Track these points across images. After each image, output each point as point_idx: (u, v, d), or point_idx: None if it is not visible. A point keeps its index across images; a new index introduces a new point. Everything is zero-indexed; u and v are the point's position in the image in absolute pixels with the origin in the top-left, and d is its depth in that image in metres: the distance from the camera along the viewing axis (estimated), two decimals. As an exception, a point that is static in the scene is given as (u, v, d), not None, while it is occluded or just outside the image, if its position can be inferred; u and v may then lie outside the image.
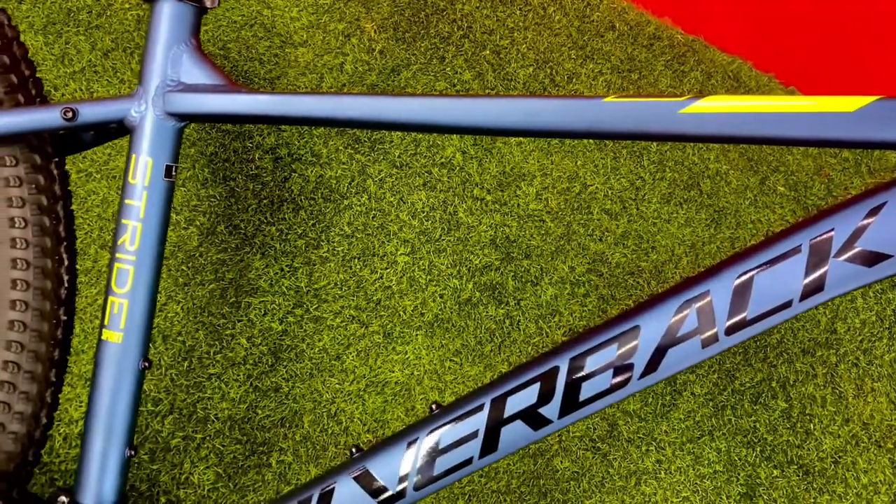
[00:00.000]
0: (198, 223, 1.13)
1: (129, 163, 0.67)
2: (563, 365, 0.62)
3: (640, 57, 1.41)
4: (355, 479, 0.65)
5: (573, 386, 0.61)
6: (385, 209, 1.19)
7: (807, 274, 0.58)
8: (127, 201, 0.67)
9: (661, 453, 1.08)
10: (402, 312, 1.13)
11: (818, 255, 0.58)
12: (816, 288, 0.58)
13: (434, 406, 0.66)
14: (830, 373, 1.18)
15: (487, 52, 1.36)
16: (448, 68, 1.33)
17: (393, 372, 1.09)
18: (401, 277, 1.15)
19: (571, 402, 0.61)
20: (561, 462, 1.06)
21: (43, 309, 0.69)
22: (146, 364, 0.70)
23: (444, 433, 0.63)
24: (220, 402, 1.03)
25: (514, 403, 0.62)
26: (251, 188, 1.18)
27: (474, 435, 0.63)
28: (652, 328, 0.60)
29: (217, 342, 1.07)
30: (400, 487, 0.64)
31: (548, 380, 0.62)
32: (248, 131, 1.21)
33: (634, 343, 0.60)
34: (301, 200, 1.18)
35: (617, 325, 0.61)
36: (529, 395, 0.62)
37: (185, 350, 1.05)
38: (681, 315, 0.60)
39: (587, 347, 0.61)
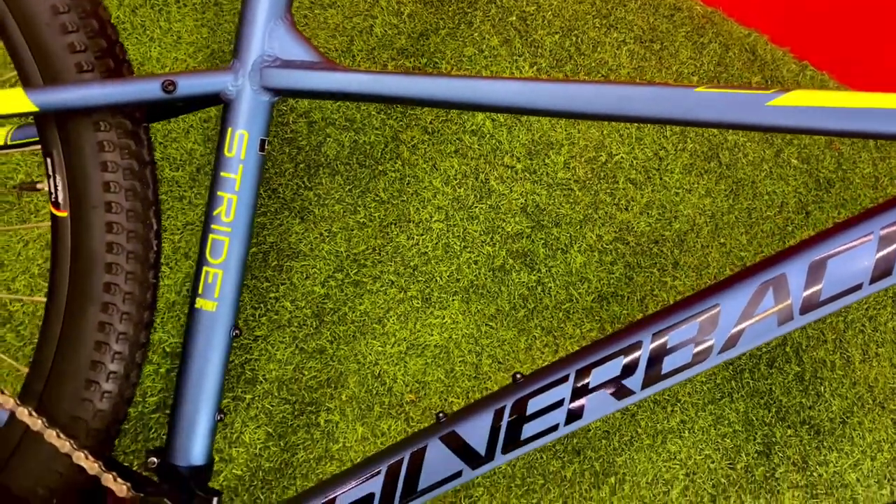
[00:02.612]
0: (237, 186, 1.14)
1: (224, 136, 0.68)
2: (647, 340, 0.66)
3: (662, 27, 1.43)
4: (444, 441, 0.68)
5: (656, 360, 0.65)
6: (419, 175, 1.21)
7: (877, 259, 0.62)
8: (223, 174, 0.68)
9: (685, 414, 1.15)
10: (438, 278, 1.16)
11: (888, 242, 0.62)
12: (885, 272, 0.62)
13: (518, 376, 0.70)
14: (839, 339, 1.25)
15: (514, 18, 1.37)
16: (476, 33, 1.34)
17: (432, 335, 1.12)
18: (436, 244, 1.18)
19: (654, 375, 0.65)
20: (598, 428, 1.11)
21: (135, 272, 0.70)
22: (237, 332, 0.72)
23: (531, 401, 0.67)
24: (267, 364, 1.06)
25: (599, 375, 0.66)
26: (287, 152, 1.19)
27: (560, 403, 0.67)
28: (731, 307, 0.64)
29: (262, 305, 1.09)
30: (488, 450, 0.68)
31: (632, 353, 0.66)
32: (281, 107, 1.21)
33: (715, 321, 0.64)
34: (337, 165, 1.19)
35: (698, 303, 0.65)
36: (614, 368, 0.66)
37: (229, 312, 1.07)
38: (759, 295, 0.64)
39: (670, 324, 0.65)
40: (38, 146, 0.84)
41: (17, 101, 0.64)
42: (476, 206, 1.21)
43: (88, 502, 0.75)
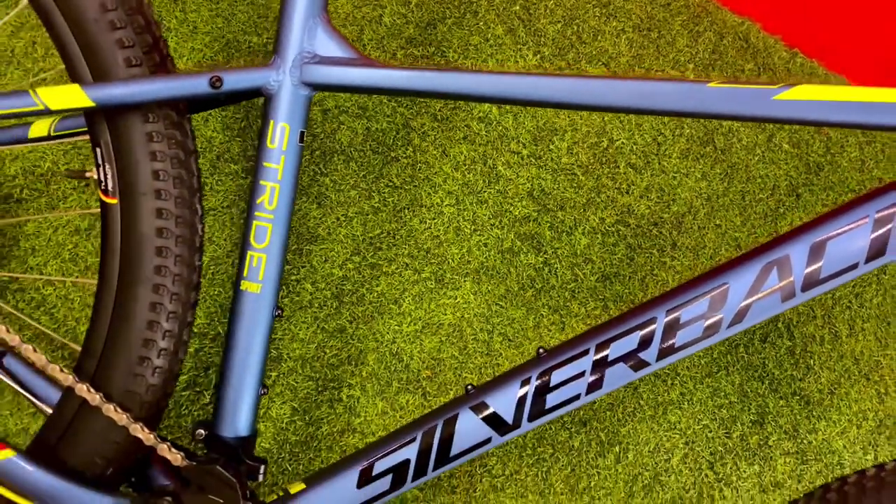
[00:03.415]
0: (255, 173, 1.18)
1: (266, 128, 0.73)
2: (661, 316, 0.71)
3: (659, 16, 1.48)
4: (474, 410, 0.74)
5: (669, 334, 0.71)
6: (429, 161, 1.26)
7: (872, 240, 0.67)
8: (265, 164, 0.73)
9: (684, 386, 1.21)
10: (450, 260, 1.21)
11: (882, 224, 0.67)
12: (879, 252, 0.68)
13: (541, 350, 0.75)
14: (827, 315, 1.32)
15: (517, 7, 1.41)
16: (481, 23, 1.39)
17: (445, 315, 1.18)
18: (447, 227, 1.23)
19: (668, 348, 0.71)
20: (603, 401, 1.18)
21: (183, 255, 0.75)
22: (279, 312, 0.77)
23: (554, 373, 0.73)
24: (290, 343, 1.11)
25: (618, 348, 0.72)
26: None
27: (581, 375, 0.72)
28: (739, 285, 0.70)
29: (284, 287, 1.13)
30: (515, 418, 0.73)
31: (647, 328, 0.71)
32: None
33: (724, 298, 0.70)
34: (351, 152, 1.24)
35: (708, 281, 0.71)
36: (631, 342, 0.72)
37: (252, 294, 1.11)
38: (764, 274, 0.69)
39: (682, 301, 0.71)
40: (76, 137, 0.88)
41: (74, 96, 0.68)
42: (485, 191, 1.26)
43: (136, 472, 0.80)
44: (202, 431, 0.77)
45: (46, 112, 0.69)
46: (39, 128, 0.84)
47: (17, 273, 1.06)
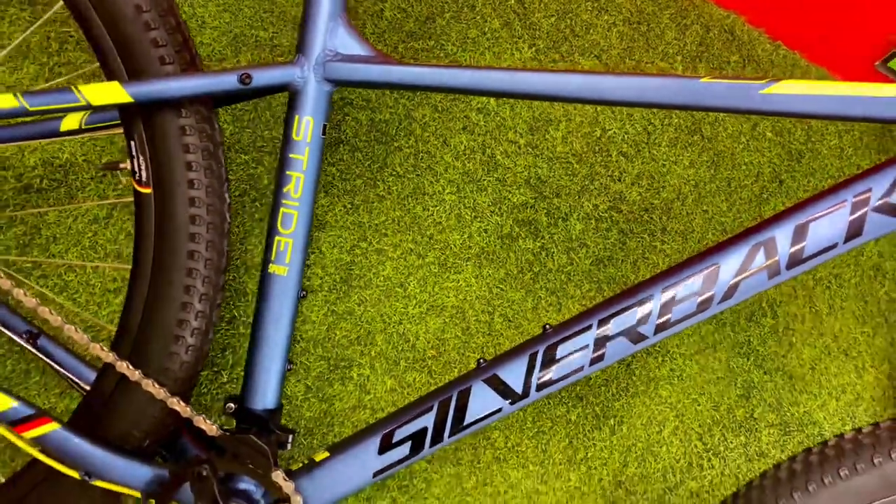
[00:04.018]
0: (265, 163, 1.23)
1: (291, 121, 0.78)
2: (658, 293, 0.77)
3: (648, 10, 1.54)
4: (486, 382, 0.80)
5: (666, 310, 0.77)
6: (431, 151, 1.32)
7: (850, 222, 0.74)
8: (291, 155, 0.78)
9: (674, 363, 1.28)
10: (452, 245, 1.27)
11: (859, 208, 0.74)
12: (856, 233, 0.74)
13: (547, 326, 0.81)
14: (809, 295, 1.39)
15: (513, 1, 1.47)
16: (478, 16, 1.44)
17: (448, 297, 1.24)
18: (449, 214, 1.29)
19: (664, 323, 0.77)
20: (598, 377, 1.24)
21: (213, 240, 0.80)
22: (303, 293, 0.82)
23: (560, 347, 0.79)
24: (303, 325, 1.16)
25: (618, 323, 0.78)
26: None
27: (585, 348, 0.79)
28: (729, 264, 0.76)
29: (295, 271, 1.19)
30: (524, 389, 0.79)
31: (645, 305, 0.78)
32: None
33: (715, 276, 0.76)
34: (356, 143, 1.29)
35: (700, 262, 0.77)
36: (630, 317, 0.78)
37: (265, 278, 1.17)
38: (752, 254, 0.75)
39: (677, 280, 0.77)
40: (105, 130, 0.93)
41: (114, 93, 0.73)
42: (484, 179, 1.32)
43: (169, 444, 0.86)
44: (232, 405, 0.83)
45: (87, 107, 0.74)
46: (70, 121, 0.88)
47: (41, 259, 1.11)
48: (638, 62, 1.49)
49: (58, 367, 0.88)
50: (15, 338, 0.89)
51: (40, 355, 0.88)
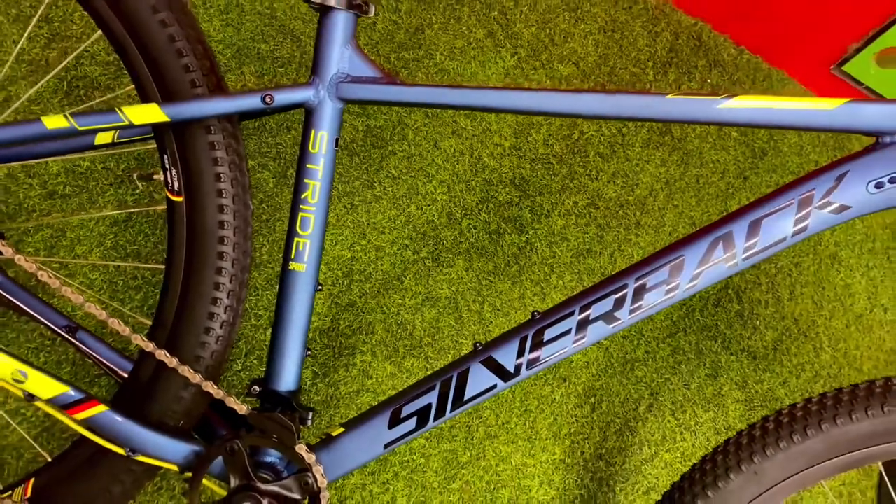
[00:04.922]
0: (270, 168, 1.33)
1: (307, 136, 0.88)
2: (631, 283, 0.88)
3: (621, 19, 1.66)
4: (482, 363, 0.91)
5: (638, 296, 0.88)
6: (423, 154, 1.42)
7: (796, 219, 0.85)
8: (308, 166, 0.88)
9: (648, 346, 1.40)
10: (444, 241, 1.38)
11: (804, 206, 0.85)
12: (802, 229, 0.85)
13: (535, 313, 0.92)
14: (771, 282, 1.52)
15: (496, 13, 1.57)
16: (464, 27, 1.54)
17: (442, 289, 1.35)
18: (441, 212, 1.39)
19: (637, 308, 0.88)
20: (574, 356, 1.36)
21: (239, 242, 0.90)
22: (319, 287, 0.93)
23: (547, 331, 0.90)
24: (309, 316, 1.27)
25: (597, 309, 0.89)
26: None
27: (569, 332, 0.89)
28: (692, 256, 0.87)
29: (301, 268, 1.29)
30: (516, 368, 0.90)
31: (620, 292, 0.89)
32: (304, 85, 1.40)
33: (680, 267, 0.87)
34: (354, 147, 1.39)
35: (668, 255, 0.88)
36: (607, 304, 0.89)
37: (273, 275, 1.27)
38: (713, 247, 0.87)
39: (647, 270, 0.88)
40: (135, 144, 1.02)
41: (153, 113, 0.83)
42: (472, 180, 1.43)
43: (198, 425, 0.96)
44: (257, 388, 0.93)
45: (130, 126, 0.83)
46: (104, 137, 0.97)
47: (66, 260, 1.20)
48: (613, 68, 1.61)
49: (98, 357, 0.98)
50: (57, 331, 0.98)
51: (82, 346, 0.98)
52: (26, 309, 0.98)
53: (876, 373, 1.54)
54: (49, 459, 1.00)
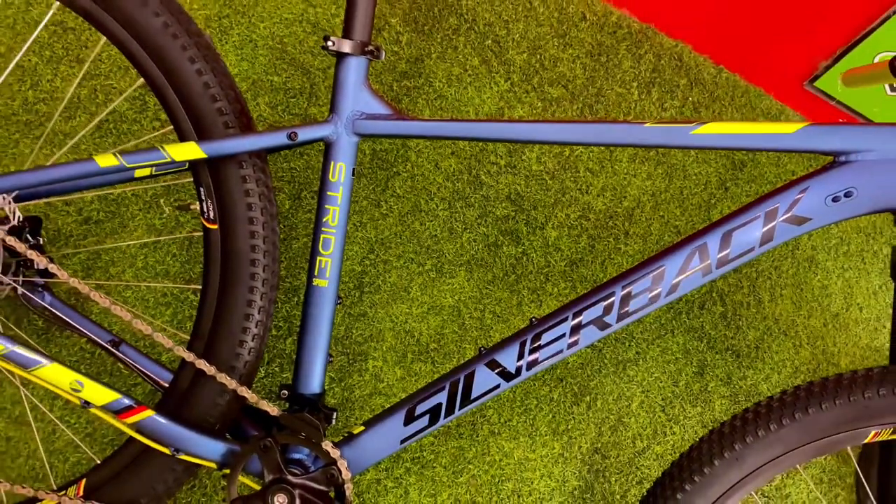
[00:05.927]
0: (285, 191, 1.44)
1: (328, 167, 0.99)
2: (618, 291, 0.99)
3: (607, 42, 1.77)
4: (486, 365, 1.01)
5: (624, 303, 0.99)
6: (425, 174, 1.53)
7: (763, 231, 0.96)
8: (329, 193, 0.99)
9: (639, 347, 1.51)
10: (446, 254, 1.49)
11: (770, 219, 0.96)
12: (768, 239, 0.96)
13: (533, 318, 1.03)
14: (752, 285, 1.63)
15: (489, 41, 1.69)
16: (460, 56, 1.66)
17: (446, 298, 1.46)
18: (443, 228, 1.50)
19: (624, 313, 0.99)
20: (570, 357, 1.47)
21: (268, 263, 1.01)
22: (339, 300, 1.04)
23: (544, 335, 1.01)
24: (325, 327, 1.38)
25: (588, 315, 0.99)
26: (322, 161, 1.49)
27: (563, 336, 1.00)
28: (672, 266, 0.98)
29: (316, 282, 1.40)
30: (517, 370, 1.01)
31: (608, 300, 1.00)
32: (312, 114, 1.51)
33: (662, 276, 0.98)
34: (361, 170, 1.50)
35: (651, 265, 0.98)
36: (597, 310, 0.99)
37: (290, 290, 1.38)
38: (690, 257, 0.97)
39: (632, 279, 0.99)
40: (169, 175, 1.13)
41: (192, 151, 0.94)
42: (471, 196, 1.54)
43: (231, 427, 1.06)
44: (286, 392, 1.04)
45: (172, 163, 0.94)
46: (143, 170, 1.08)
47: (101, 280, 1.31)
48: (600, 89, 1.72)
49: (141, 369, 1.09)
50: (103, 345, 1.09)
51: (126, 358, 1.09)
52: (76, 325, 1.09)
53: (853, 367, 1.65)
54: (98, 461, 1.10)
